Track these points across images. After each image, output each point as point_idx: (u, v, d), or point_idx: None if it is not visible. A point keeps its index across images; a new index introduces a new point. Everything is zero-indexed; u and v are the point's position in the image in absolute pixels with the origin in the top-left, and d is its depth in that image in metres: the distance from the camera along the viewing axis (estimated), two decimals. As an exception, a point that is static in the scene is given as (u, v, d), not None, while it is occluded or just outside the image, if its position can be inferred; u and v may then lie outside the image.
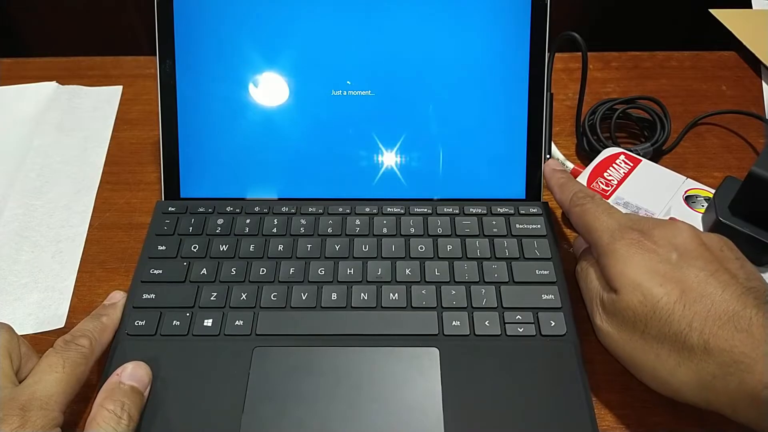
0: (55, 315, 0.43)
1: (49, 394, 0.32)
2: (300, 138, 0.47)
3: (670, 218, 0.43)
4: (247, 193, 0.48)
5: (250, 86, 0.47)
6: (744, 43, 0.60)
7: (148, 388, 0.36)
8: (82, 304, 0.44)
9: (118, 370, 0.35)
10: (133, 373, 0.35)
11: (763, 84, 0.59)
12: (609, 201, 0.45)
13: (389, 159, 0.47)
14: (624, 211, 0.44)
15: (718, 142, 0.54)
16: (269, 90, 0.47)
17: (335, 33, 0.47)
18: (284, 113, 0.47)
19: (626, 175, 0.47)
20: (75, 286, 0.45)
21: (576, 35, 0.46)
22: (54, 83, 0.59)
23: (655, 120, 0.53)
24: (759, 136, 0.54)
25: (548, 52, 0.46)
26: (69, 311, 0.43)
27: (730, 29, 0.61)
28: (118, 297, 0.41)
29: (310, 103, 0.47)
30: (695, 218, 0.44)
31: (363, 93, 0.47)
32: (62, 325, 0.43)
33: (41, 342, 0.41)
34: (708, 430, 0.37)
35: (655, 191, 0.46)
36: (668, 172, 0.47)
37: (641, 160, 0.48)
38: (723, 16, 0.62)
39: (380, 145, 0.47)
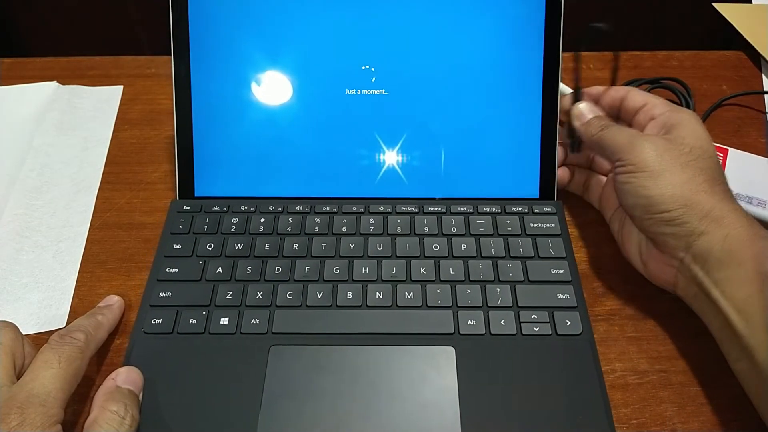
0: (56, 315, 0.43)
1: (47, 390, 0.32)
2: (314, 137, 0.47)
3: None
4: (261, 192, 0.47)
5: (264, 85, 0.47)
6: (745, 36, 0.61)
7: (141, 392, 0.36)
8: (83, 304, 0.43)
9: (112, 375, 0.35)
10: (128, 377, 0.35)
11: (764, 78, 0.59)
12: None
13: (403, 158, 0.47)
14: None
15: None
16: (283, 89, 0.47)
17: (349, 32, 0.46)
18: (298, 112, 0.47)
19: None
20: (76, 286, 0.44)
21: (602, 26, 0.44)
22: (54, 83, 0.58)
23: (681, 100, 0.54)
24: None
25: (577, 49, 0.47)
26: (70, 311, 0.43)
27: (732, 23, 0.62)
28: (114, 299, 0.41)
29: (324, 102, 0.47)
30: None
31: (377, 92, 0.47)
32: (63, 325, 0.42)
33: (42, 342, 0.40)
34: (718, 425, 0.37)
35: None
36: None
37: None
38: (725, 10, 0.64)
39: (394, 144, 0.47)
